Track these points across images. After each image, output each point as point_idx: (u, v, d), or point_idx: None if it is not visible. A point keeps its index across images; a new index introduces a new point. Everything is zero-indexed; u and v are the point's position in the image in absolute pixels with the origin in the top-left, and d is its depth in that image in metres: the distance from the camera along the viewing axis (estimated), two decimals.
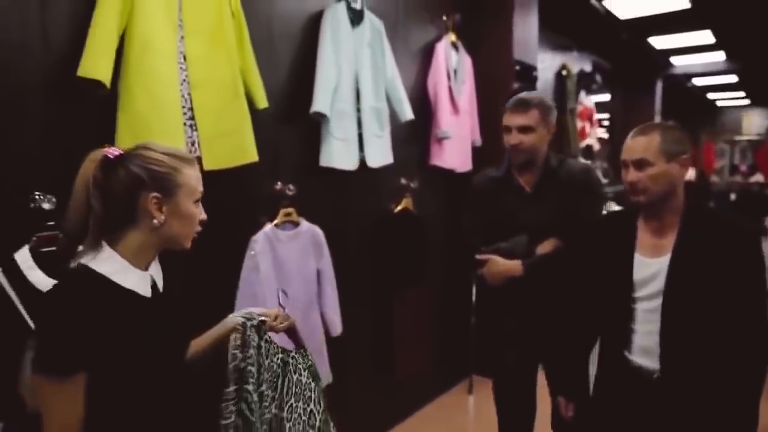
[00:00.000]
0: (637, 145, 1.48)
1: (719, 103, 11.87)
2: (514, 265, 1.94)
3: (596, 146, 5.74)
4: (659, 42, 6.02)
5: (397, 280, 2.80)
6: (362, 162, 2.48)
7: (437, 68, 3.04)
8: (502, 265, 1.96)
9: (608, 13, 4.75)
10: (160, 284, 1.19)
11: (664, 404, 1.50)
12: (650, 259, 1.52)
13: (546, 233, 1.95)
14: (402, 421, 3.04)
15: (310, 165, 2.34)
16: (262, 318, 1.36)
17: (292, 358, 1.42)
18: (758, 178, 11.46)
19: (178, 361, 1.21)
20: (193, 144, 1.76)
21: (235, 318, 1.35)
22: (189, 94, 1.76)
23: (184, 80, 1.75)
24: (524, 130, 1.93)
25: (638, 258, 1.54)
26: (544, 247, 1.94)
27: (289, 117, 2.27)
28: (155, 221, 1.08)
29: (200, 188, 1.16)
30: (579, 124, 5.26)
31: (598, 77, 5.66)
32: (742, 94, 10.51)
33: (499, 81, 3.38)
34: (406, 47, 2.97)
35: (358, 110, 2.47)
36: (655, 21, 5.01)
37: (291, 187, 2.15)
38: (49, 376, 0.97)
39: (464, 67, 3.20)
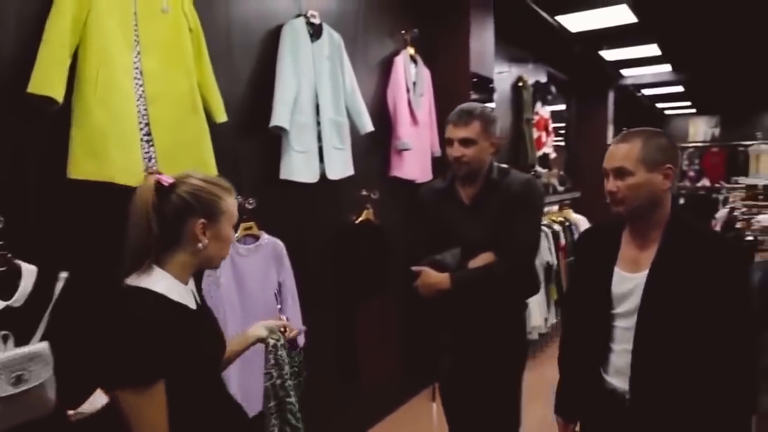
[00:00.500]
0: (617, 152, 1.39)
1: (667, 112, 12.36)
2: (443, 278, 1.90)
3: (552, 154, 5.89)
4: (610, 54, 6.25)
5: (361, 289, 2.82)
6: (323, 174, 2.50)
7: (396, 81, 3.09)
8: (432, 277, 1.92)
9: (561, 27, 4.92)
10: (197, 298, 1.29)
11: (634, 430, 1.41)
12: (629, 274, 1.44)
13: (482, 247, 1.91)
14: (367, 430, 3.06)
15: (270, 178, 2.35)
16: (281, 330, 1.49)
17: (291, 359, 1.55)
18: (705, 182, 11.98)
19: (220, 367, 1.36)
20: (150, 159, 1.75)
21: (257, 331, 1.45)
22: (146, 108, 1.74)
23: (141, 95, 1.74)
24: (466, 142, 1.90)
25: (618, 272, 1.46)
26: (477, 261, 1.90)
27: (248, 130, 2.27)
28: (200, 245, 1.19)
29: (236, 214, 1.29)
30: (535, 133, 5.41)
31: (553, 88, 5.83)
32: (688, 103, 10.99)
33: (457, 93, 3.46)
34: (366, 61, 3.01)
35: (318, 123, 2.49)
36: (604, 35, 5.21)
37: (251, 200, 2.16)
38: (135, 388, 1.07)
39: (423, 80, 3.27)
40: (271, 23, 2.36)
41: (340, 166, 2.61)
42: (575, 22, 4.78)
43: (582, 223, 5.43)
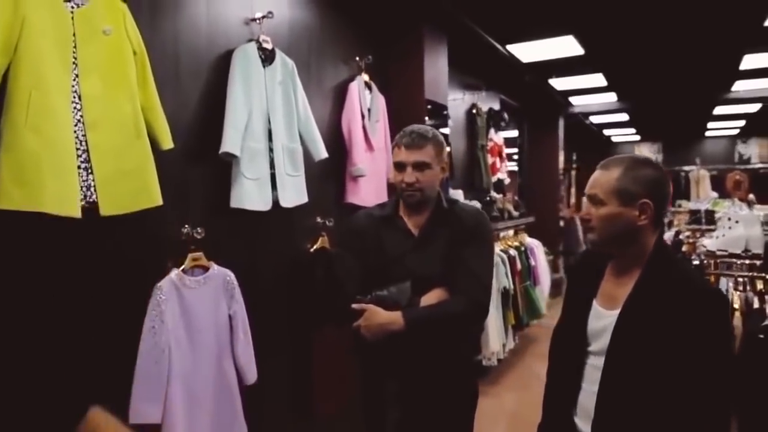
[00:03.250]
0: (596, 178, 1.33)
1: (614, 139, 12.86)
2: (394, 317, 1.67)
3: (507, 180, 6.00)
4: (559, 84, 6.45)
5: (316, 319, 2.74)
6: (276, 202, 2.43)
7: (351, 107, 3.07)
8: (381, 316, 1.67)
9: (512, 57, 5.05)
10: None
11: None
12: (605, 310, 1.37)
13: (432, 282, 1.74)
14: None
15: (220, 206, 2.26)
16: None
17: None
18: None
19: None
20: (88, 188, 1.64)
21: None
22: (84, 134, 1.64)
23: (79, 120, 1.64)
24: (420, 167, 1.75)
25: (595, 307, 1.39)
26: (429, 298, 1.72)
27: (197, 157, 2.19)
28: None
29: None
30: (490, 159, 5.49)
31: (506, 115, 5.96)
32: (633, 130, 11.46)
33: (412, 119, 3.42)
34: (320, 87, 2.98)
35: (271, 150, 2.43)
36: (554, 65, 5.38)
37: (199, 230, 2.06)
38: None
39: (378, 106, 3.26)
40: (222, 47, 2.31)
41: (294, 193, 2.54)
42: (526, 52, 4.92)
43: (536, 247, 5.52)
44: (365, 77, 3.20)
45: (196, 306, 2.01)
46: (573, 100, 7.69)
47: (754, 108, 8.44)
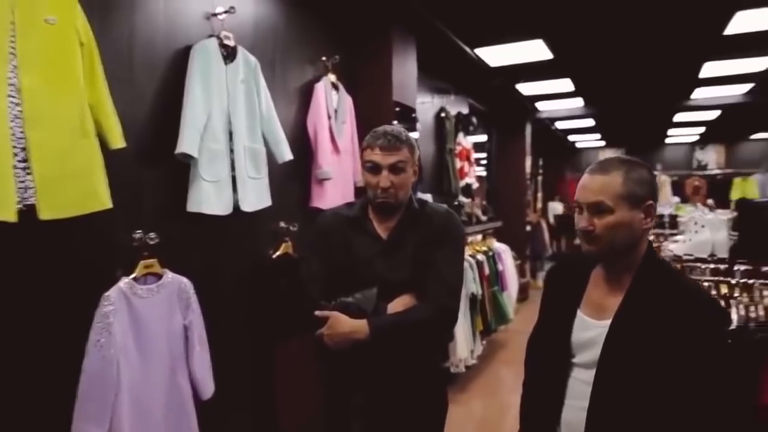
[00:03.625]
0: (593, 184, 1.22)
1: (578, 145, 13.07)
2: (359, 326, 1.57)
3: (475, 184, 5.98)
4: (526, 89, 6.49)
5: (279, 329, 2.63)
6: (236, 206, 2.32)
7: (317, 108, 2.98)
8: (345, 325, 1.57)
9: (481, 61, 5.03)
10: None
11: None
12: (592, 320, 1.29)
13: (401, 288, 1.65)
14: None
15: (177, 210, 2.14)
16: None
17: None
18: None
19: None
20: (25, 190, 1.51)
21: None
22: (22, 131, 1.51)
23: (17, 116, 1.51)
24: (396, 170, 1.65)
25: (580, 317, 1.31)
26: (396, 305, 1.63)
27: (152, 158, 2.06)
28: None
29: None
30: (458, 163, 5.47)
31: (474, 119, 5.96)
32: (598, 136, 11.66)
33: (380, 121, 3.34)
34: (285, 87, 2.88)
35: (232, 150, 2.32)
36: (522, 69, 5.40)
37: (153, 235, 1.94)
38: None
39: (345, 107, 3.17)
40: (180, 43, 2.19)
41: (256, 196, 2.44)
42: (494, 56, 4.91)
43: (504, 252, 5.51)
44: (332, 77, 3.12)
45: (148, 316, 1.88)
46: (540, 105, 7.76)
47: (712, 115, 8.68)
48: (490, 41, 4.52)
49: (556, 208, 12.54)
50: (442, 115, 5.23)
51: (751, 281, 2.29)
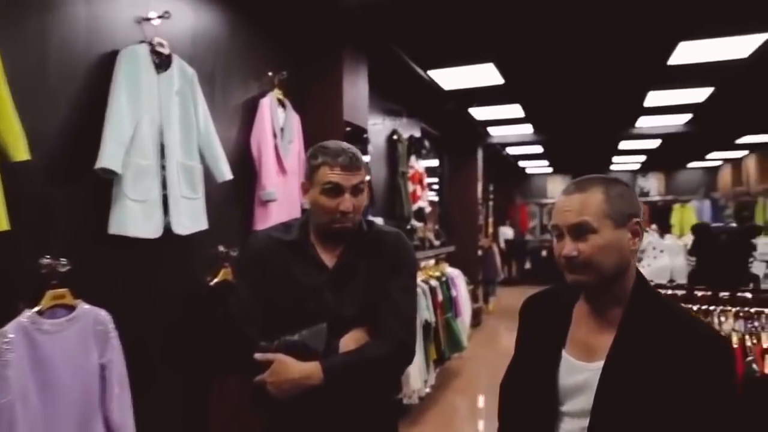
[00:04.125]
0: (572, 205, 1.09)
1: (528, 171, 13.32)
2: (310, 370, 1.37)
3: (428, 208, 5.90)
4: (479, 113, 6.51)
5: (215, 364, 2.38)
6: (168, 228, 2.09)
7: (261, 125, 2.79)
8: (294, 370, 1.37)
9: (434, 84, 4.99)
10: None
11: None
12: (581, 363, 1.14)
13: (352, 322, 1.47)
14: None
15: (96, 233, 1.90)
16: None
17: None
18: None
19: None
20: None
21: None
22: None
23: None
24: (357, 191, 1.48)
25: (566, 358, 1.16)
26: (348, 343, 1.44)
27: (66, 172, 1.83)
28: None
29: None
30: (411, 187, 5.37)
31: (426, 143, 5.89)
32: (546, 162, 11.91)
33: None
34: (226, 101, 2.69)
35: (163, 167, 2.10)
36: (474, 93, 5.39)
37: (64, 261, 1.69)
38: None
39: (292, 126, 3.00)
40: (105, 47, 1.98)
41: (190, 218, 2.22)
42: (447, 79, 4.88)
43: (457, 277, 5.41)
44: (278, 94, 2.95)
45: (55, 355, 1.63)
46: (492, 130, 7.81)
47: (654, 144, 8.98)
48: (443, 63, 4.47)
49: (507, 232, 12.69)
50: (395, 137, 5.13)
51: (711, 308, 2.24)
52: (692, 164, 12.25)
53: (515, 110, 6.32)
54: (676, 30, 3.77)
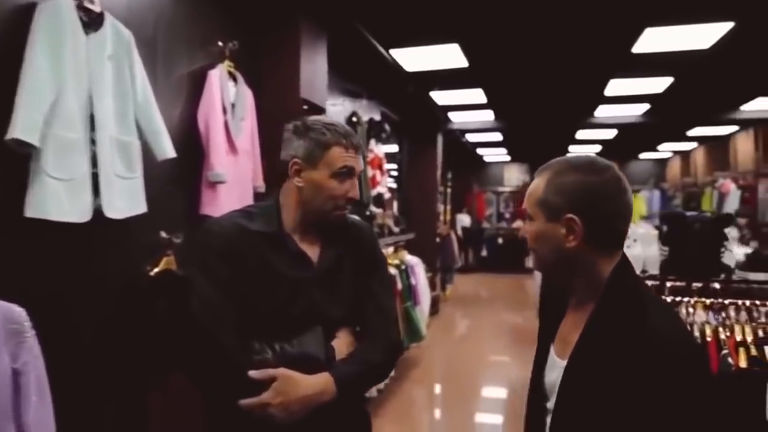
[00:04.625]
0: (529, 188, 1.08)
1: (486, 159, 13.34)
2: (324, 384, 1.21)
3: (387, 194, 5.73)
4: (440, 98, 6.36)
5: (154, 364, 2.15)
6: (98, 211, 1.84)
7: (210, 99, 2.54)
8: (305, 385, 1.19)
9: (396, 65, 4.79)
10: None
11: None
12: (558, 359, 1.09)
13: (339, 325, 1.34)
14: None
15: (8, 216, 1.63)
16: None
17: None
18: (519, 224, 13.11)
19: None
20: None
21: None
22: None
23: None
24: (357, 176, 1.37)
25: (551, 354, 1.12)
26: (342, 348, 1.31)
27: None
28: None
29: None
30: (370, 171, 5.18)
31: (387, 126, 5.71)
32: (504, 150, 11.94)
33: (285, 120, 2.98)
34: (169, 71, 2.42)
35: (93, 142, 1.84)
36: (437, 76, 5.23)
37: None
38: None
39: (244, 102, 2.76)
40: (18, 0, 1.69)
41: (126, 200, 1.97)
42: (410, 59, 4.69)
43: (417, 264, 5.28)
44: (229, 66, 2.69)
45: None
46: (452, 116, 7.70)
47: (610, 134, 9.09)
48: (407, 42, 4.28)
49: (464, 220, 12.71)
50: (354, 119, 4.91)
51: (685, 299, 2.17)
52: (644, 155, 12.54)
53: (478, 95, 6.21)
54: (644, 14, 3.70)
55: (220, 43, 2.69)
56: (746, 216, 7.76)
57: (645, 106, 6.90)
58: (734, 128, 8.60)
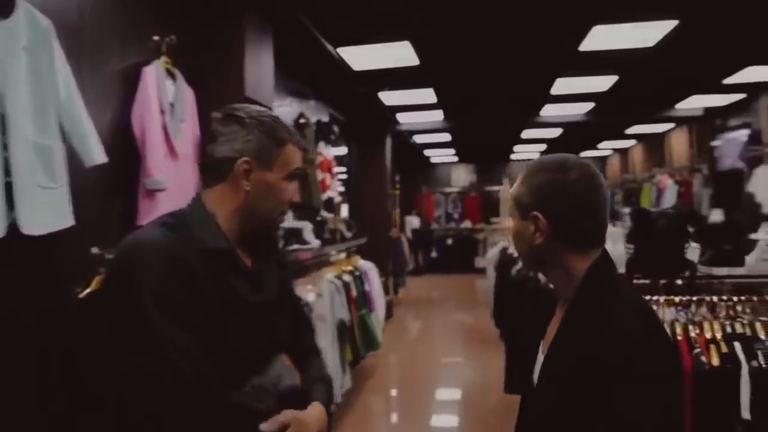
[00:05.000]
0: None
1: (433, 160, 13.38)
2: (321, 416, 1.16)
3: (337, 198, 5.57)
4: (389, 98, 6.25)
5: (85, 400, 1.89)
6: (13, 226, 1.58)
7: (145, 99, 2.30)
8: (312, 424, 1.12)
9: (344, 64, 4.63)
10: None
11: None
12: (541, 356, 1.11)
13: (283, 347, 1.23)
14: None
15: None
16: None
17: None
18: (467, 224, 13.21)
19: None
20: None
21: None
22: None
23: None
24: None
25: (540, 352, 1.13)
26: (294, 371, 1.24)
27: None
28: None
29: None
30: (320, 175, 4.99)
31: (336, 128, 5.54)
32: (452, 151, 11.98)
33: None
34: (98, 67, 2.17)
35: (5, 147, 1.58)
36: (387, 75, 5.11)
37: None
38: None
39: (184, 101, 2.52)
40: None
41: (49, 212, 1.71)
42: (359, 58, 4.55)
43: (370, 270, 5.13)
44: (166, 62, 2.46)
45: None
46: (401, 117, 7.60)
47: (555, 133, 9.26)
48: (356, 40, 4.13)
49: (413, 222, 12.67)
50: (302, 121, 4.71)
51: (654, 297, 2.12)
52: (585, 153, 12.88)
53: (428, 95, 6.13)
54: (593, 12, 3.70)
55: (155, 37, 2.46)
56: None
57: (590, 105, 7.03)
58: (670, 126, 8.94)
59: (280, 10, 3.27)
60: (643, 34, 4.11)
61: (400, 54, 4.44)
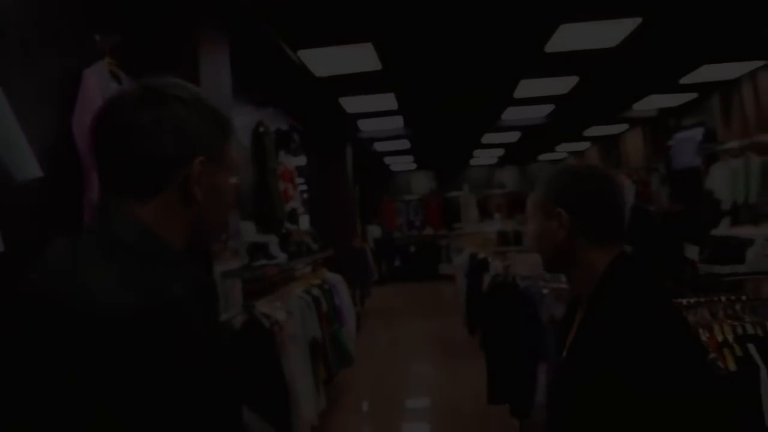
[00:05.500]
0: (531, 196, 1.20)
1: (393, 168, 13.27)
2: None
3: (300, 209, 5.34)
4: (350, 104, 6.08)
5: None
6: None
7: (87, 105, 2.03)
8: None
9: (305, 69, 4.43)
10: None
11: None
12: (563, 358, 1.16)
13: None
14: None
15: None
16: None
17: None
18: (429, 231, 13.13)
19: None
20: None
21: None
22: None
23: None
24: None
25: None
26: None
27: None
28: None
29: None
30: (282, 185, 4.76)
31: (296, 136, 5.32)
32: (412, 158, 11.90)
33: None
34: (30, 69, 1.90)
35: None
36: (348, 80, 4.93)
37: None
38: None
39: None
40: None
41: None
42: (320, 62, 4.35)
43: (339, 282, 4.92)
44: (110, 64, 2.20)
45: None
46: (361, 124, 7.44)
47: (514, 137, 9.29)
48: (316, 42, 3.94)
49: (375, 231, 12.49)
50: (261, 129, 4.47)
51: None
52: (543, 156, 13.05)
53: (389, 101, 5.99)
54: (559, 11, 3.63)
55: (97, 37, 2.20)
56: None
57: (550, 107, 7.05)
58: (625, 127, 9.11)
59: (236, 11, 3.05)
60: (608, 33, 4.08)
61: (363, 57, 4.27)
